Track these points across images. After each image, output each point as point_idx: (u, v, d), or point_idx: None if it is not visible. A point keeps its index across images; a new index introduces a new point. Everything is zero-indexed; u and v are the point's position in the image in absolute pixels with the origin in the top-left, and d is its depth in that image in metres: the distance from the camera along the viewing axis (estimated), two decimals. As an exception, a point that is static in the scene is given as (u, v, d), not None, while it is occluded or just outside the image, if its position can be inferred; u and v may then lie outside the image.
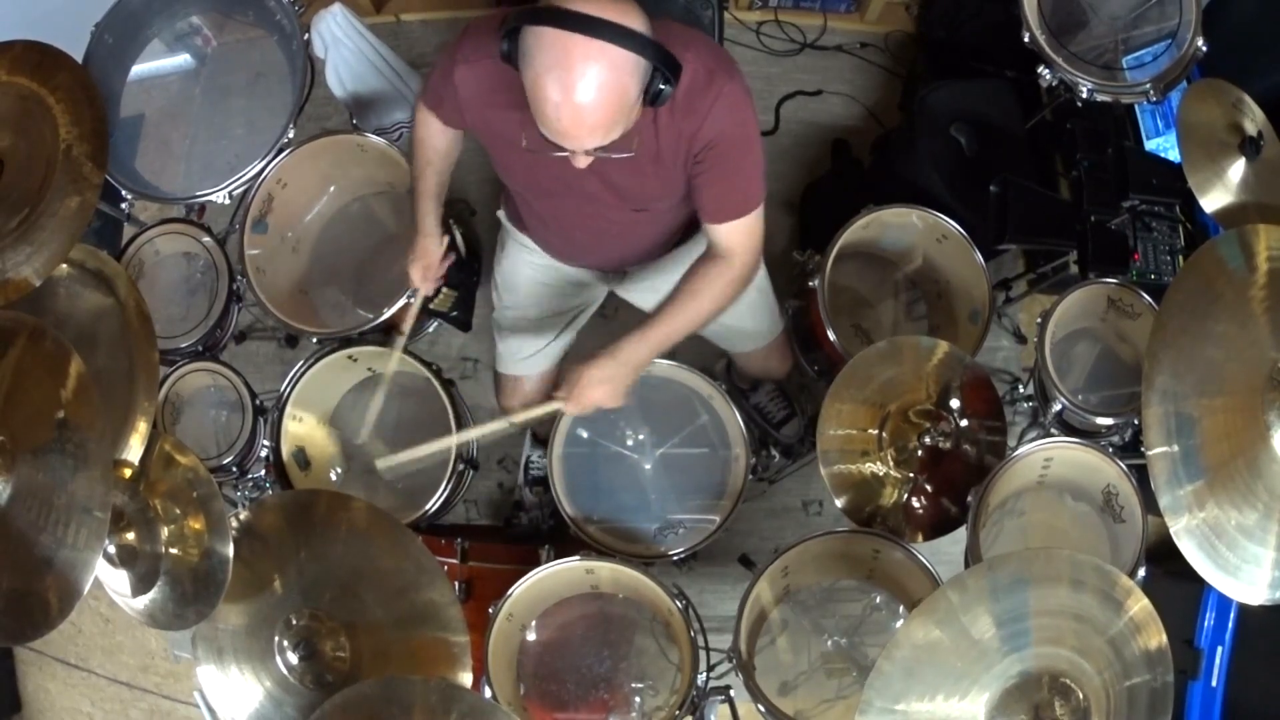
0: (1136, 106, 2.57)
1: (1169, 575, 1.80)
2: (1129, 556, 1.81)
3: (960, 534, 1.85)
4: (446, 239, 1.95)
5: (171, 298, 2.25)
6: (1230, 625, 2.21)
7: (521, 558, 2.08)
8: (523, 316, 2.07)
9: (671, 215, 1.81)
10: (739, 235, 1.66)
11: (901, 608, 1.99)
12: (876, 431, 1.94)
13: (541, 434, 2.48)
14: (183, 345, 2.13)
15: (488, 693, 1.77)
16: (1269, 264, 1.54)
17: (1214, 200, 1.84)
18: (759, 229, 1.68)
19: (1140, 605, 1.34)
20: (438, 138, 1.79)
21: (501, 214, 2.07)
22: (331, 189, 2.41)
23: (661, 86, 1.39)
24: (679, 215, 1.82)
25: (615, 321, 2.67)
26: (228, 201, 2.10)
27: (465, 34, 1.60)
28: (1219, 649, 2.21)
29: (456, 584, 1.98)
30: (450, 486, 2.06)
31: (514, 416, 1.83)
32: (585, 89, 1.32)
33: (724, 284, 1.68)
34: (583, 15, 1.30)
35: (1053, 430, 2.14)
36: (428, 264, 1.91)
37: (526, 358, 2.09)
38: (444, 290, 2.14)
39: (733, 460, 2.04)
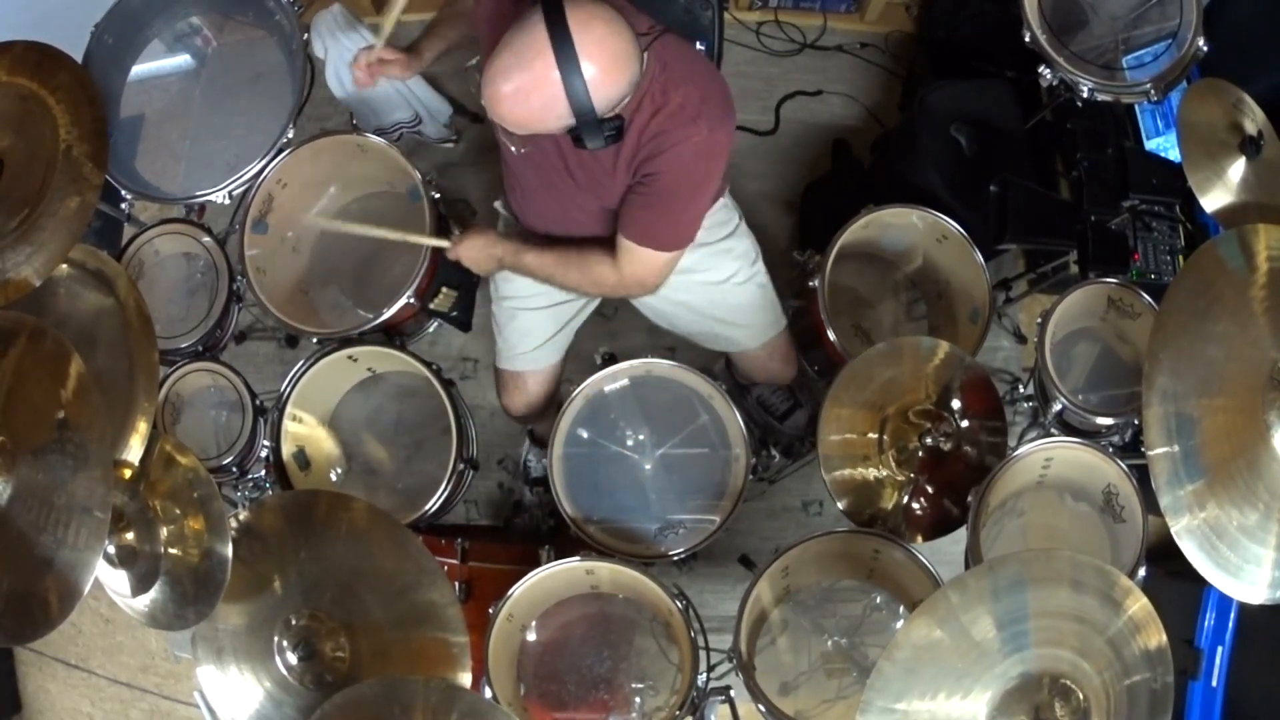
0: (1137, 106, 2.57)
1: (1169, 575, 1.80)
2: (1129, 556, 1.81)
3: (961, 534, 1.85)
4: (415, 57, 2.04)
5: (171, 298, 2.25)
6: (1230, 625, 2.20)
7: (521, 558, 2.08)
8: (522, 309, 2.07)
9: None
10: (634, 258, 1.73)
11: (901, 608, 1.99)
12: (877, 435, 1.94)
13: (541, 434, 2.48)
14: (183, 345, 2.13)
15: (488, 693, 1.77)
16: (1269, 264, 1.54)
17: (1214, 200, 1.84)
18: (655, 269, 1.75)
19: (1140, 605, 1.34)
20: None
21: (498, 204, 2.07)
22: (331, 189, 2.41)
23: (594, 139, 1.46)
24: None
25: (615, 320, 2.68)
26: (228, 201, 2.10)
27: None
28: (1219, 649, 2.21)
29: (456, 584, 1.98)
30: (450, 486, 2.05)
31: (408, 235, 2.00)
32: (512, 83, 1.40)
33: (594, 279, 1.80)
34: (568, 33, 1.35)
35: (1053, 430, 2.14)
36: (385, 58, 2.01)
37: (526, 352, 2.09)
38: (444, 290, 2.14)
39: (733, 460, 2.04)
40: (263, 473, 2.21)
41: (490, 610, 1.82)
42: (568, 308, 2.10)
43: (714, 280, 2.01)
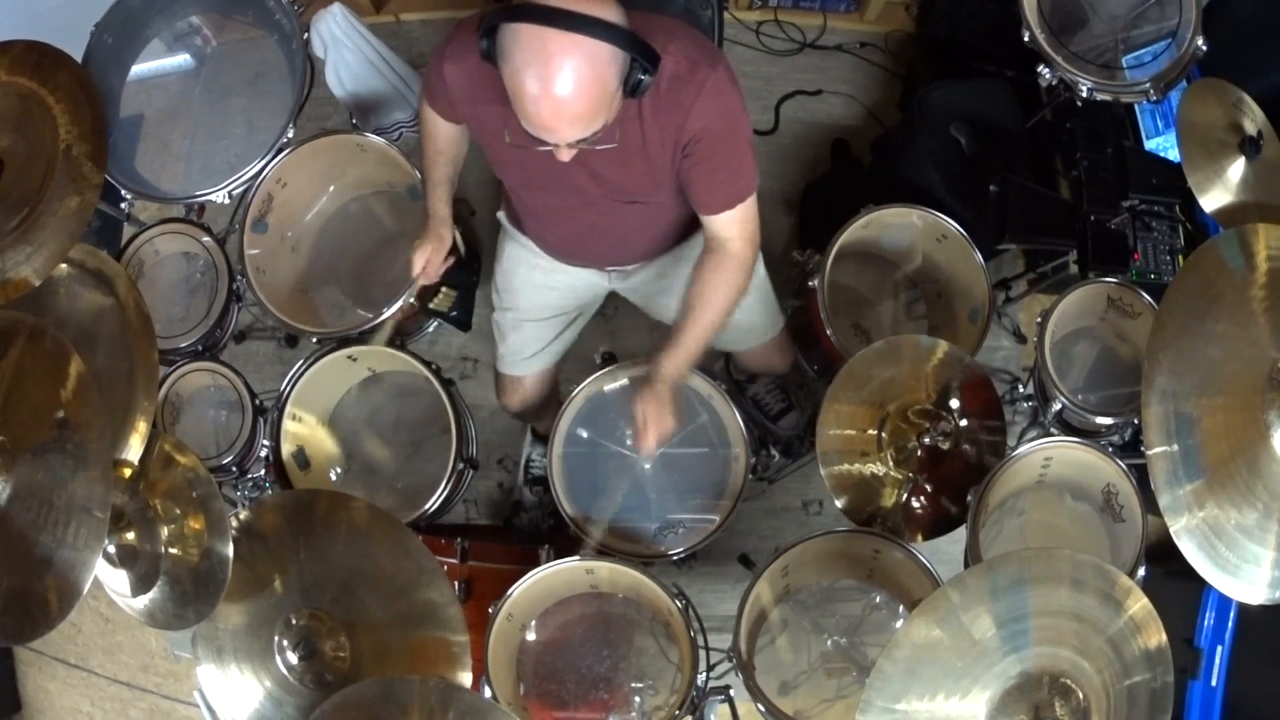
0: (1136, 106, 2.57)
1: (1169, 575, 1.80)
2: (1129, 556, 1.81)
3: (960, 534, 1.85)
4: (441, 224, 1.96)
5: (171, 297, 2.25)
6: (1230, 625, 2.21)
7: (521, 557, 2.08)
8: (523, 317, 2.07)
9: (666, 210, 1.81)
10: (734, 224, 1.69)
11: (901, 607, 1.99)
12: (876, 432, 1.94)
13: (543, 432, 2.48)
14: (182, 345, 2.13)
15: (487, 692, 1.77)
16: (1269, 263, 1.54)
17: (1214, 200, 1.84)
18: (754, 216, 1.72)
19: (1140, 605, 1.34)
20: (442, 129, 1.82)
21: (501, 214, 2.07)
22: (331, 189, 2.41)
23: (641, 77, 1.41)
24: (674, 210, 1.82)
25: (616, 320, 2.68)
26: (227, 201, 2.10)
27: (453, 32, 1.62)
28: (1219, 648, 2.21)
29: (456, 584, 1.98)
30: (450, 486, 2.05)
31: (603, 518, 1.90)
32: (563, 82, 1.33)
33: (730, 277, 1.72)
34: (557, 10, 1.32)
35: (1052, 430, 2.14)
36: (437, 248, 1.91)
37: (527, 358, 2.09)
38: (444, 290, 2.14)
39: (732, 460, 2.04)
40: (262, 472, 2.21)
41: (490, 610, 1.82)
42: (570, 315, 2.11)
43: None
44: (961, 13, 2.73)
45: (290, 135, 2.09)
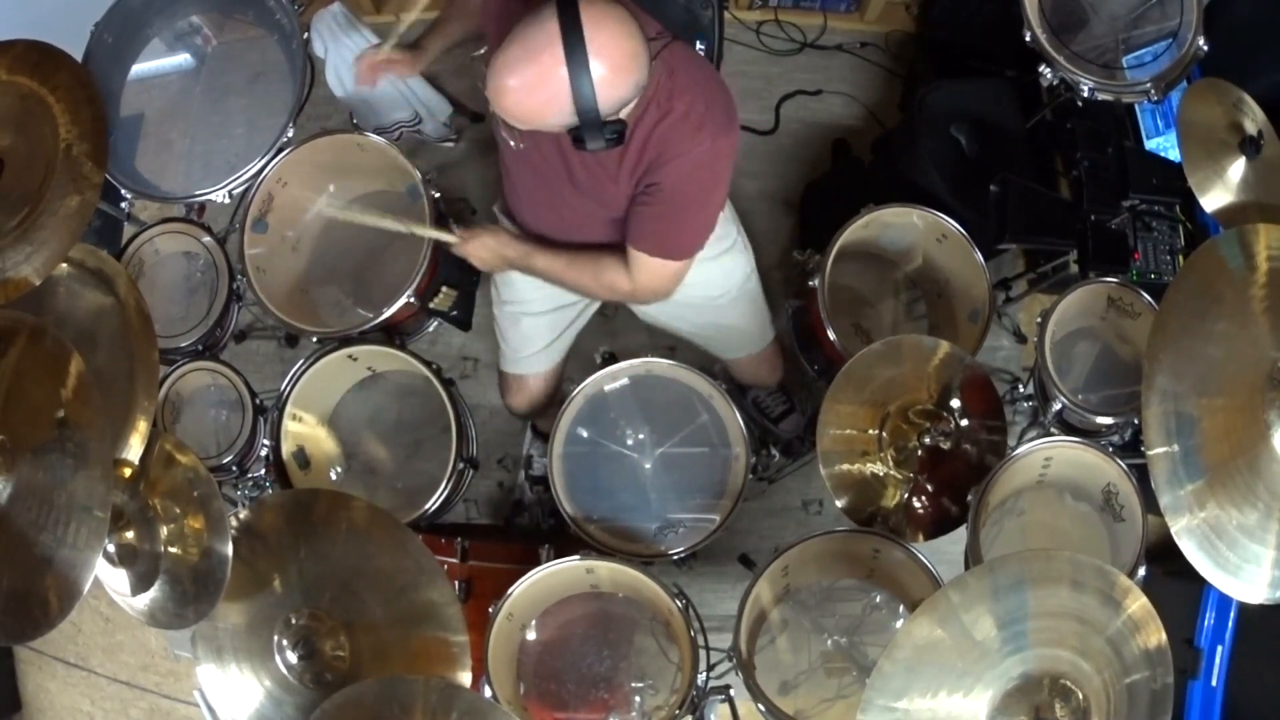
0: (1137, 106, 2.57)
1: (1169, 575, 1.80)
2: (1129, 556, 1.81)
3: (960, 533, 1.85)
4: (420, 54, 2.05)
5: (171, 297, 2.24)
6: (1230, 625, 2.21)
7: (521, 557, 2.08)
8: (520, 310, 2.07)
9: None
10: (646, 268, 1.71)
11: (901, 607, 1.99)
12: (876, 432, 1.94)
13: (544, 428, 2.48)
14: (183, 344, 2.13)
15: (488, 692, 1.77)
16: (1269, 263, 1.54)
17: (1214, 199, 1.84)
18: (667, 277, 1.73)
19: (1139, 605, 1.34)
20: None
21: (497, 208, 2.07)
22: (331, 188, 2.41)
23: (595, 140, 1.43)
24: None
25: (616, 320, 2.68)
26: (228, 201, 2.10)
27: None
28: (1219, 648, 2.21)
29: (456, 583, 1.98)
30: (450, 486, 2.05)
31: (414, 227, 1.95)
32: (518, 76, 1.37)
33: (608, 284, 1.77)
34: (578, 30, 1.33)
35: (1053, 430, 2.14)
36: (398, 60, 2.03)
37: (528, 356, 2.09)
38: (444, 290, 2.14)
39: (733, 459, 2.04)
40: (262, 472, 2.21)
41: (490, 609, 1.82)
42: (569, 311, 2.11)
43: (710, 294, 2.02)
44: (961, 13, 2.73)
45: (290, 135, 2.09)
